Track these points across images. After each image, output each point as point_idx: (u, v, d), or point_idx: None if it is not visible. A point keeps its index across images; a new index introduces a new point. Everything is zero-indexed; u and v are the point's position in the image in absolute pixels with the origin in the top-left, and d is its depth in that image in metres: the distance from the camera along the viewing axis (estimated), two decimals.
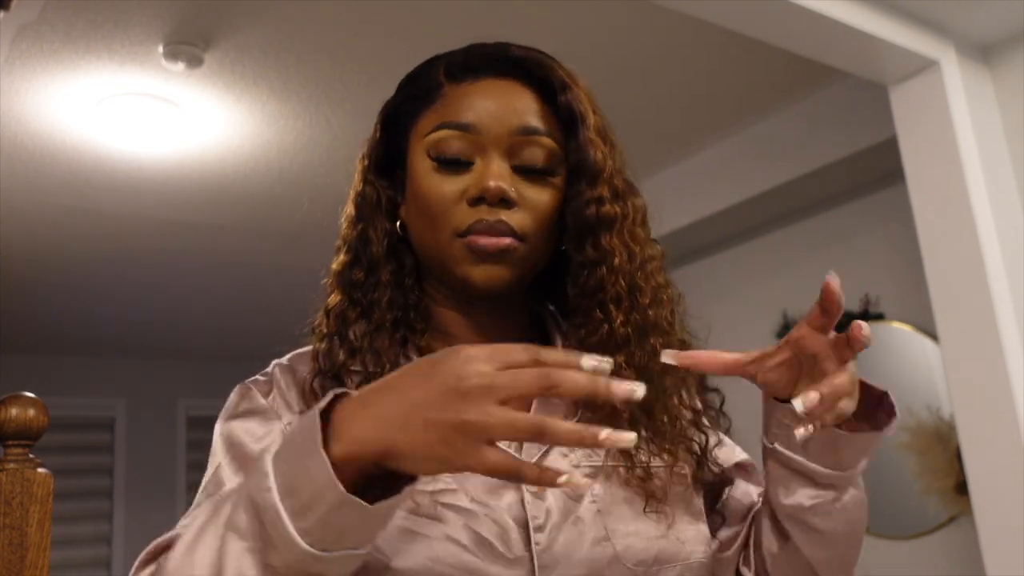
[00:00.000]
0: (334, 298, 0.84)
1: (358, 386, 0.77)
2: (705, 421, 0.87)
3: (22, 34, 2.25)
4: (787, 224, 3.42)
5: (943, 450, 2.82)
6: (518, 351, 0.58)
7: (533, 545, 0.73)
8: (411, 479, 0.59)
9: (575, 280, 0.82)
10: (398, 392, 0.58)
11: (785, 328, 3.34)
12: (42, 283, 4.16)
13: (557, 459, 0.78)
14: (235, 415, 0.80)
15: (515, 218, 0.79)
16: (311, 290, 0.88)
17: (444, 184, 0.80)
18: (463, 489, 0.74)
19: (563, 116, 0.82)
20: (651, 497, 0.78)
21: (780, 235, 3.46)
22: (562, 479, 0.56)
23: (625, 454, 0.79)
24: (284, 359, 0.86)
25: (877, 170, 2.97)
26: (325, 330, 0.83)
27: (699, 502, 0.84)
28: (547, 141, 0.81)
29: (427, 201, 0.80)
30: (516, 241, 0.78)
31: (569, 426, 0.56)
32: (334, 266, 0.86)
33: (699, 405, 0.87)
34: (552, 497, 0.76)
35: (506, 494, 0.75)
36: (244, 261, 4.13)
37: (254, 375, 0.84)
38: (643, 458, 0.79)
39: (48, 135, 2.82)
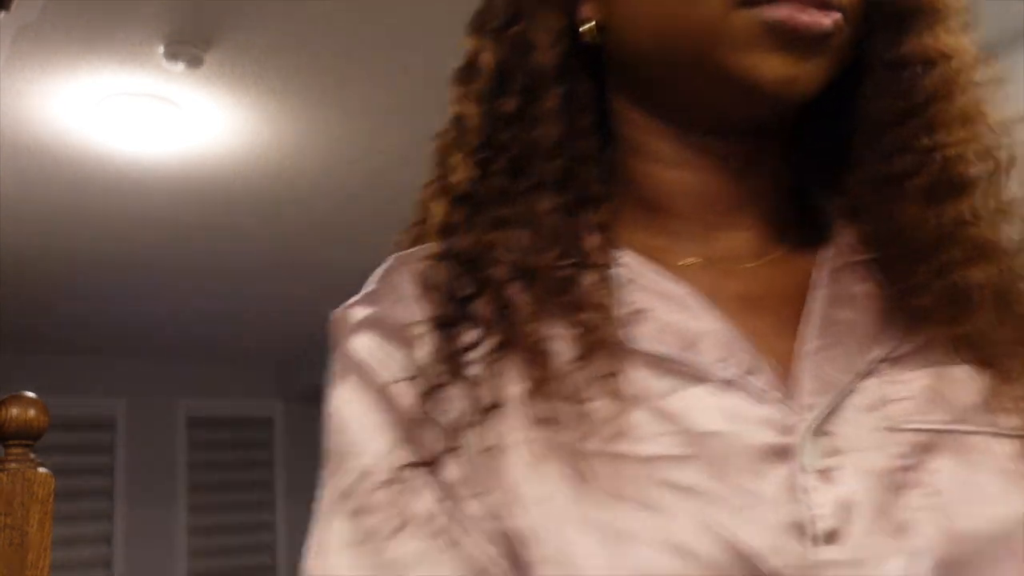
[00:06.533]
0: (472, 137, 0.54)
1: (505, 283, 0.50)
2: None
3: (22, 34, 2.25)
4: None
5: None
6: None
7: (810, 562, 0.41)
8: None
9: (878, 92, 0.50)
10: None
11: None
12: (42, 283, 4.16)
13: (859, 415, 0.45)
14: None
15: None
16: (311, 290, 0.87)
17: None
18: (699, 456, 0.42)
19: None
20: None
21: None
22: None
23: (990, 413, 0.45)
24: (389, 260, 0.57)
25: None
26: (453, 191, 0.54)
27: None
28: None
29: None
30: (842, 19, 0.47)
31: None
32: (461, 88, 0.55)
33: None
34: (854, 477, 0.42)
35: (771, 471, 0.42)
36: (244, 261, 4.13)
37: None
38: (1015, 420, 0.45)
39: (48, 135, 2.82)
